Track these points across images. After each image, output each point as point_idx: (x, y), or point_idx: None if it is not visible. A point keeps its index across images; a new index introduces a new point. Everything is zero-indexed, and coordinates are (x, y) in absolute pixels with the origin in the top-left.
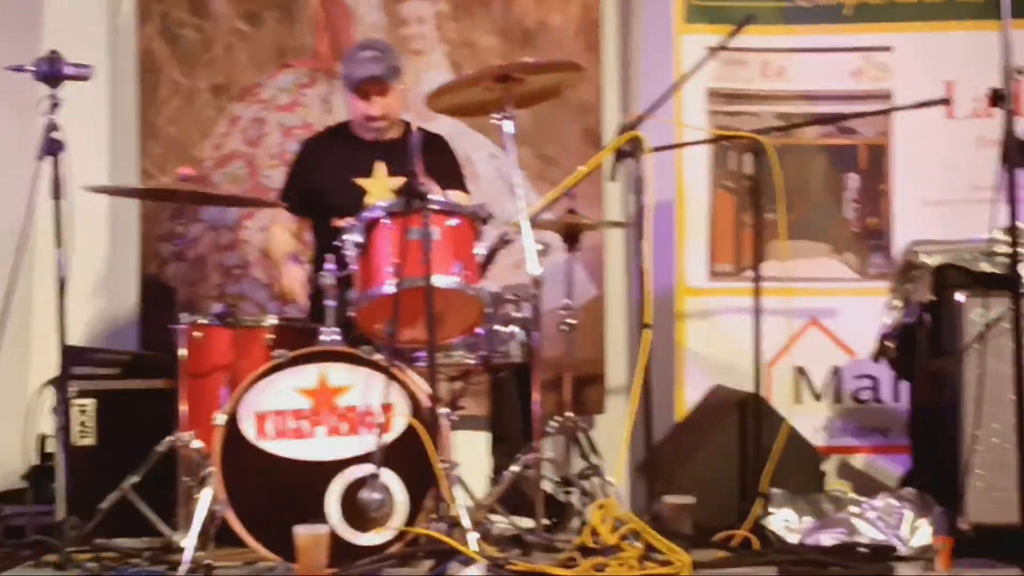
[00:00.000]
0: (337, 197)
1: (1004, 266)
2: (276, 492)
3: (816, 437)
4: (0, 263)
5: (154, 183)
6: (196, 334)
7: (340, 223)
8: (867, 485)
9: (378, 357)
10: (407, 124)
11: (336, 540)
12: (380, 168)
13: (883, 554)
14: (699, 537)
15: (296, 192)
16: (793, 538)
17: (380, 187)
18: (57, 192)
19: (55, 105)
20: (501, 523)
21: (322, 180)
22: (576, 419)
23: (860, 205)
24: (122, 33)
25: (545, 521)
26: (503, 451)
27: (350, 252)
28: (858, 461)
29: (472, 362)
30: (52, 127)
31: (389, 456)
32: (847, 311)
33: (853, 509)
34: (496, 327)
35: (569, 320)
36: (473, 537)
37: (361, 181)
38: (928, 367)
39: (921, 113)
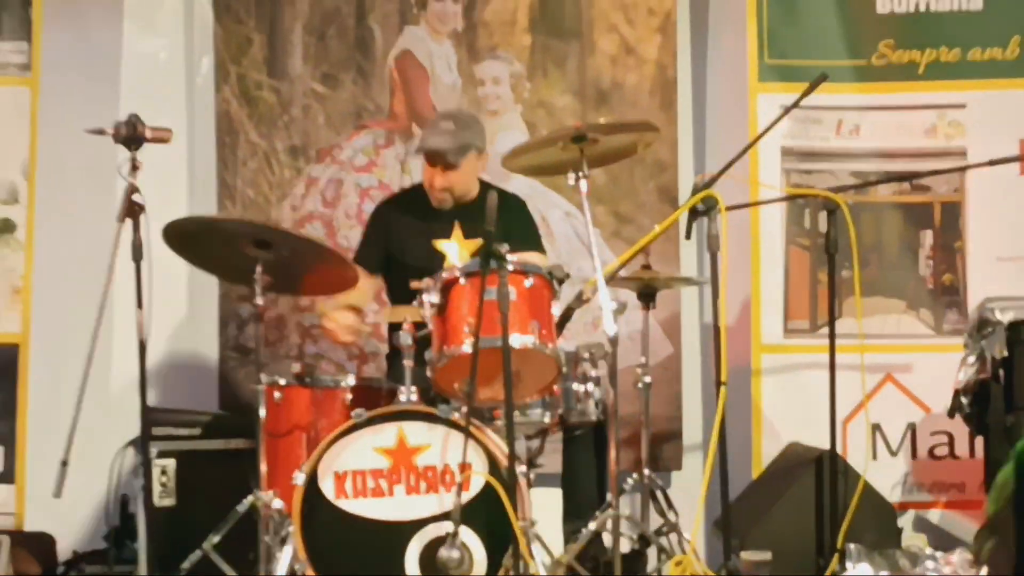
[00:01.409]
0: (413, 258)
1: None
2: (356, 551)
3: (892, 493)
4: (80, 325)
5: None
6: (275, 394)
7: (417, 285)
8: (943, 540)
9: (456, 416)
10: (484, 185)
11: None
12: (457, 230)
13: None
14: None
15: (372, 253)
16: None
17: (458, 249)
18: (138, 254)
19: (135, 168)
20: None
21: (399, 241)
22: (653, 476)
23: (934, 262)
24: (200, 95)
25: None
26: (576, 509)
27: (428, 312)
28: (934, 516)
29: (549, 420)
30: (132, 190)
31: (467, 514)
32: (922, 367)
33: (929, 564)
34: (573, 385)
35: (645, 378)
36: None
37: (438, 243)
38: (1002, 422)
39: (994, 170)
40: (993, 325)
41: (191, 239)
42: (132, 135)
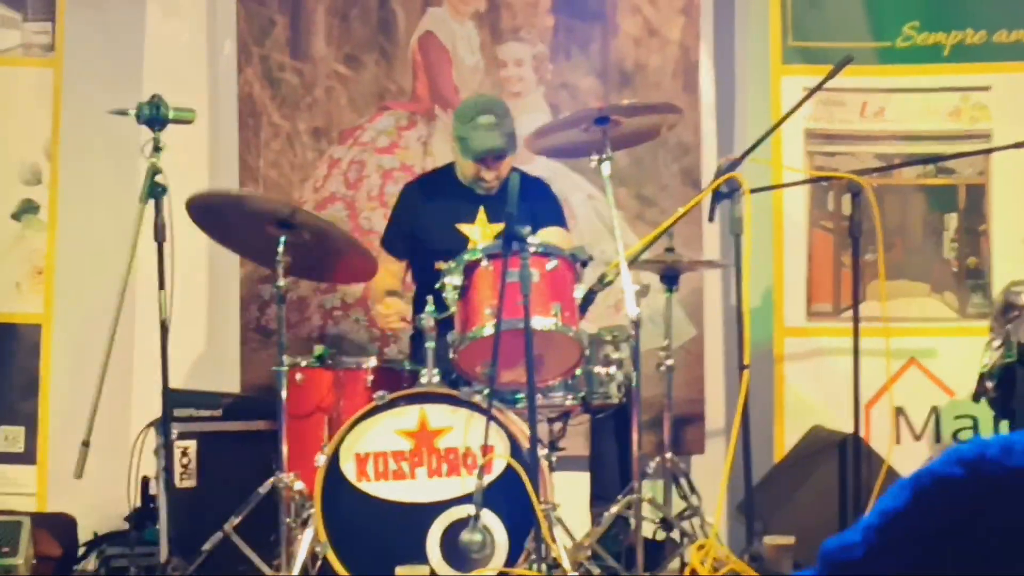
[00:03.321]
0: (439, 241)
1: None
2: (377, 533)
3: None
4: (102, 306)
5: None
6: (297, 376)
7: (443, 266)
8: None
9: (478, 398)
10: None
11: None
12: (482, 213)
13: None
14: None
15: (398, 235)
16: None
17: (482, 232)
18: (160, 235)
19: (158, 149)
20: (601, 564)
21: (424, 224)
22: (675, 459)
23: (959, 245)
24: (222, 77)
25: None
26: (602, 492)
27: (450, 294)
28: None
29: (571, 403)
30: (155, 171)
31: (489, 497)
32: (946, 351)
33: None
34: (595, 368)
35: (668, 361)
36: None
37: (463, 226)
38: None
39: (1019, 152)
40: (1018, 308)
41: (214, 214)
42: (155, 116)
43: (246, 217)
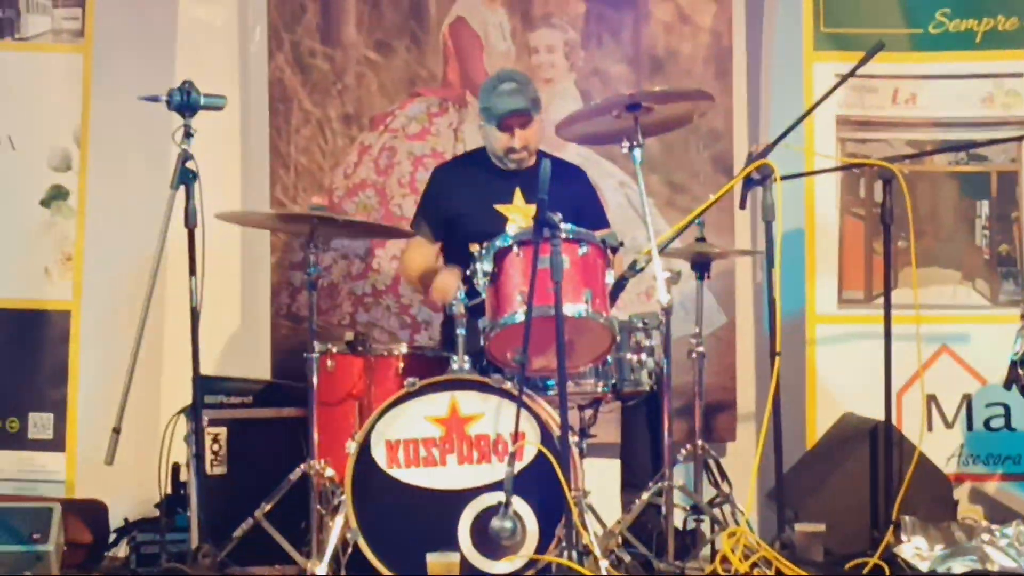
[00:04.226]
0: (476, 223)
1: None
2: (408, 520)
3: (947, 465)
4: (132, 293)
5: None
6: (328, 363)
7: (475, 248)
8: (999, 512)
9: (509, 385)
10: (540, 153)
11: (467, 568)
12: (519, 195)
13: None
14: (830, 565)
15: (431, 218)
16: (924, 566)
17: (520, 214)
18: (190, 221)
19: (188, 135)
20: (632, 551)
21: (460, 206)
22: (706, 447)
23: (991, 232)
24: (253, 63)
25: None
26: (633, 479)
27: (481, 280)
28: (990, 488)
29: (602, 390)
30: (186, 157)
31: (520, 484)
32: (978, 338)
33: (985, 537)
34: (626, 355)
35: (699, 348)
36: (604, 565)
37: (501, 208)
38: None
39: None
40: None
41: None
42: (186, 102)
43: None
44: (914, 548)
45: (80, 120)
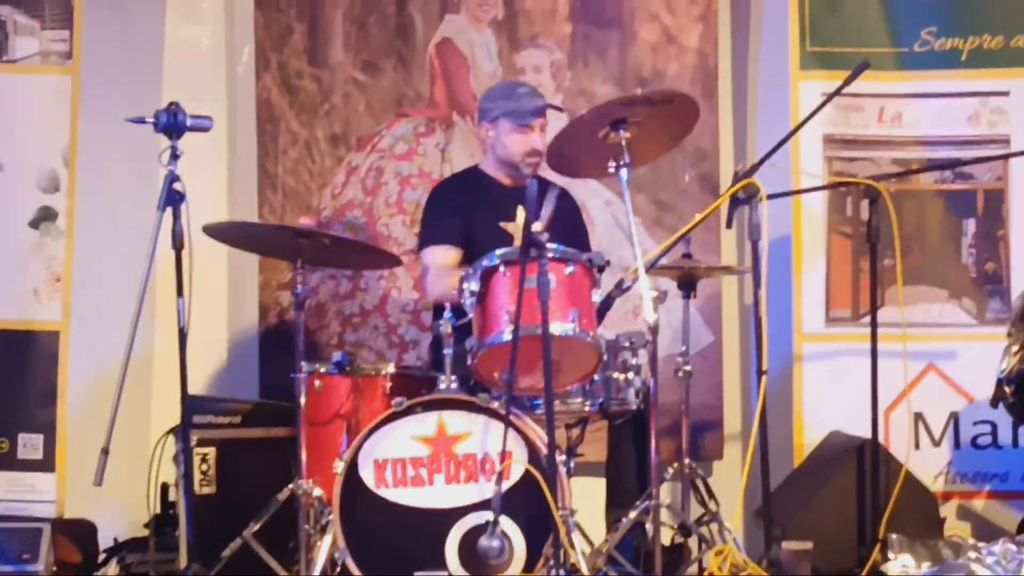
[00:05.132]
0: (485, 238)
1: None
2: (395, 539)
3: (935, 482)
4: (120, 313)
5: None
6: (316, 382)
7: (507, 225)
8: (986, 530)
9: (496, 405)
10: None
11: None
12: (521, 212)
13: None
14: None
15: (449, 224)
16: None
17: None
18: (178, 242)
19: (175, 156)
20: (619, 570)
21: (466, 223)
22: (693, 465)
23: (977, 250)
24: (241, 84)
25: None
26: (620, 498)
27: (467, 300)
28: (977, 506)
29: (589, 409)
30: (172, 178)
31: (507, 503)
32: (965, 356)
33: (972, 555)
34: (613, 374)
35: (686, 367)
36: None
37: (505, 225)
38: None
39: None
40: None
41: (231, 233)
42: (173, 123)
43: (263, 233)
44: (901, 566)
45: (68, 141)
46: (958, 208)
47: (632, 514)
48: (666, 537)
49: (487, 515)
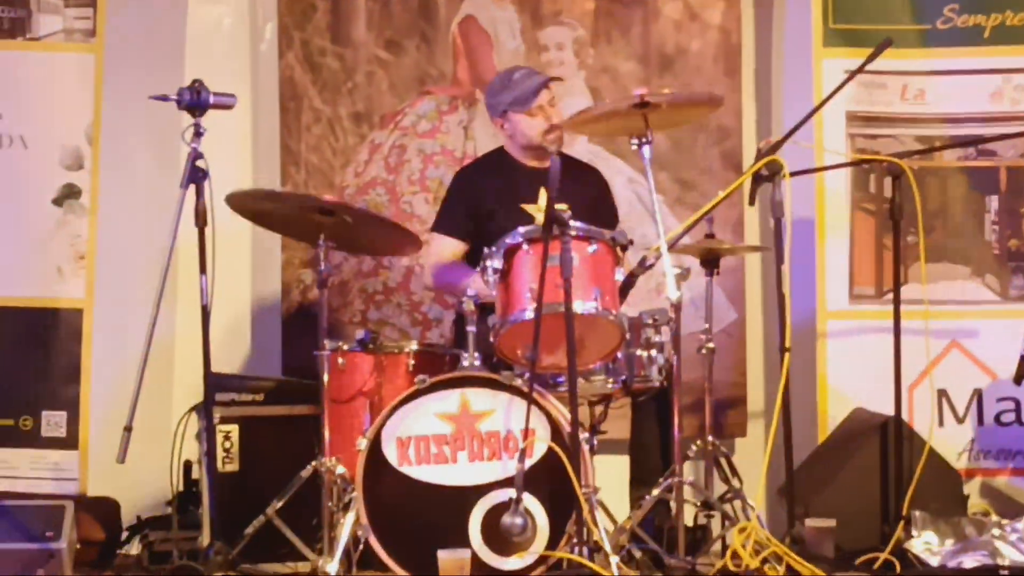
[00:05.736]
0: (505, 221)
1: None
2: (418, 517)
3: (958, 459)
4: (144, 291)
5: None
6: (339, 360)
7: (528, 207)
8: (1010, 507)
9: (519, 382)
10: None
11: (478, 564)
12: (543, 194)
13: None
14: (841, 560)
15: (460, 216)
16: (935, 561)
17: None
18: (201, 220)
19: (198, 134)
20: (642, 547)
21: (488, 206)
22: (717, 443)
23: (1001, 227)
24: (264, 62)
25: None
26: (643, 475)
27: (491, 278)
28: (1000, 483)
29: (612, 387)
30: (196, 156)
31: (530, 481)
32: (988, 333)
33: (995, 532)
34: (636, 352)
35: (709, 344)
36: (614, 561)
37: (528, 207)
38: None
39: None
40: None
41: (254, 206)
42: (196, 101)
43: (286, 207)
44: (924, 543)
45: (92, 119)
46: (981, 185)
47: (655, 491)
48: (689, 515)
49: (510, 492)
